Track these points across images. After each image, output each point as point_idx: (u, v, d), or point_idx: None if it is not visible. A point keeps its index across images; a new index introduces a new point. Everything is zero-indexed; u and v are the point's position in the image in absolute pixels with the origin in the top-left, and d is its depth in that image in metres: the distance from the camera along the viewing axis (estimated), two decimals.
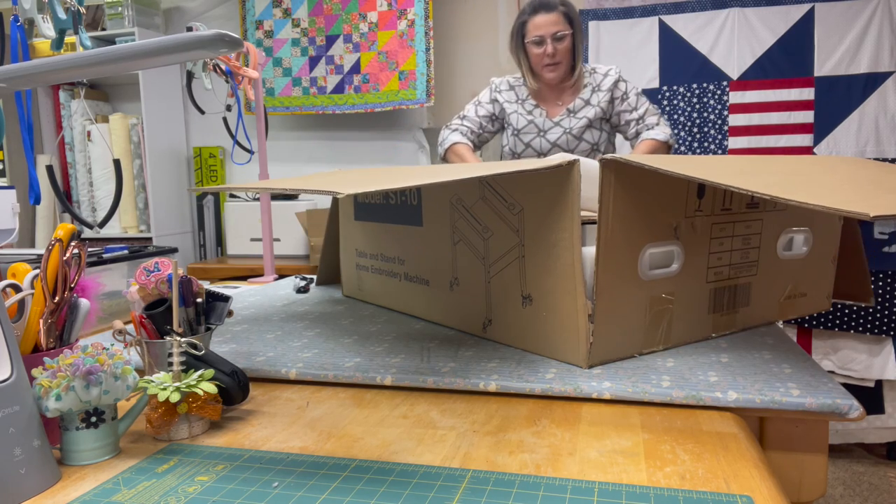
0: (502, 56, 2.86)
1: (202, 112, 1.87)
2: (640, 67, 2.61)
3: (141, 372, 0.76)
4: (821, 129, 2.42)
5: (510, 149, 2.06)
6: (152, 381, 0.64)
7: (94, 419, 0.59)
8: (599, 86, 1.98)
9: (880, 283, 2.32)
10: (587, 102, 1.98)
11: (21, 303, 0.65)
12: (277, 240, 2.57)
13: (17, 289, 0.66)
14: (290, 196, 2.73)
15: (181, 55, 0.57)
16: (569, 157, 0.77)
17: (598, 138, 2.00)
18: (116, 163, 1.68)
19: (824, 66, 2.39)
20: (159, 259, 0.78)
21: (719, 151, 2.55)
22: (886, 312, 2.32)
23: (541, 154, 2.01)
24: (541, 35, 1.91)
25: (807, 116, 2.43)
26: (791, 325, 2.43)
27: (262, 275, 1.80)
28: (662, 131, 1.95)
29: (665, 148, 1.93)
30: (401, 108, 2.87)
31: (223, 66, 1.67)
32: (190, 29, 1.55)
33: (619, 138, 2.13)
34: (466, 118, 2.07)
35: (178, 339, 0.66)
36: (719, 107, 2.52)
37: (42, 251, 0.73)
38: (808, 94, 2.42)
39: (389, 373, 0.79)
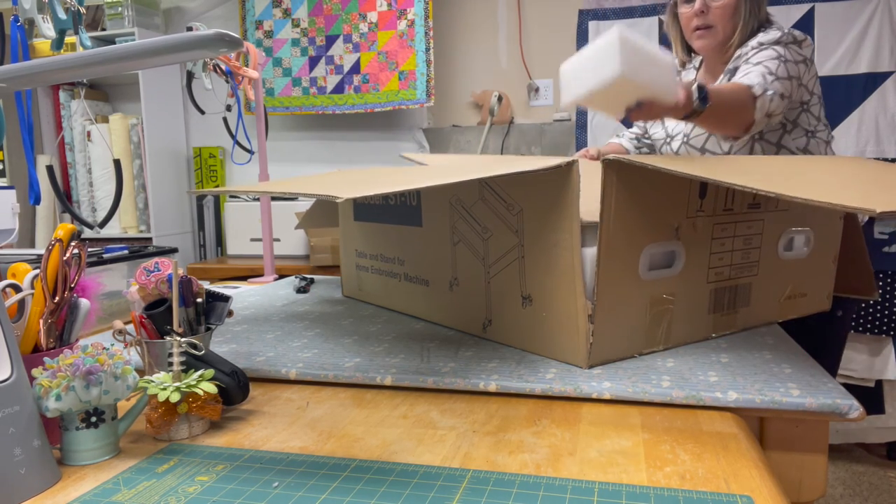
0: (502, 56, 2.86)
1: (202, 112, 1.87)
2: None
3: (141, 372, 0.76)
4: None
5: (664, 133, 1.53)
6: (152, 381, 0.64)
7: (94, 419, 0.59)
8: (741, 56, 1.34)
9: (880, 283, 2.32)
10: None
11: (21, 303, 0.65)
12: (277, 240, 2.57)
13: (17, 289, 0.66)
14: (290, 196, 2.72)
15: (181, 55, 0.57)
16: (567, 158, 0.77)
17: (738, 143, 1.35)
18: (116, 163, 1.68)
19: (824, 65, 2.38)
20: (159, 259, 0.78)
21: None
22: (886, 312, 2.32)
23: (686, 135, 1.45)
24: None
25: None
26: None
27: (262, 275, 1.80)
28: (750, 78, 1.22)
29: (746, 94, 1.19)
30: (401, 108, 2.87)
31: (223, 66, 1.67)
32: (190, 29, 1.55)
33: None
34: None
35: (178, 339, 0.66)
36: None
37: (42, 251, 0.73)
38: None
39: (389, 373, 0.79)
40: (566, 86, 0.96)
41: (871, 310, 2.34)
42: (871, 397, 2.39)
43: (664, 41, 2.57)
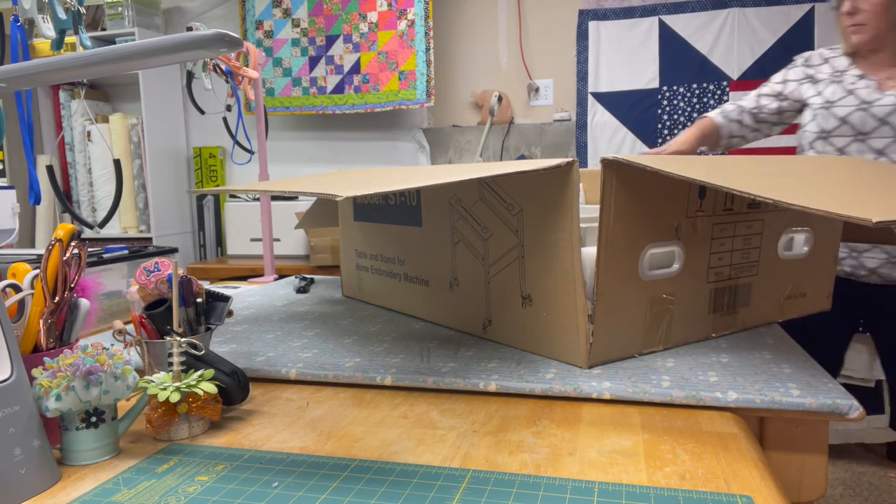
0: (502, 56, 2.86)
1: (202, 112, 1.87)
2: (640, 67, 2.62)
3: (141, 372, 0.76)
4: None
5: (819, 127, 1.62)
6: (152, 381, 0.64)
7: (94, 419, 0.59)
8: None
9: None
10: None
11: (21, 303, 0.65)
12: (277, 240, 2.57)
13: (17, 289, 0.66)
14: (290, 196, 2.73)
15: (181, 55, 0.57)
16: (567, 158, 0.77)
17: None
18: (116, 163, 1.68)
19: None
20: (159, 259, 0.78)
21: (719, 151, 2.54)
22: None
23: (861, 133, 1.56)
24: None
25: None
26: None
27: (262, 275, 1.80)
28: None
29: None
30: (401, 109, 2.87)
31: (223, 66, 1.67)
32: (190, 29, 1.55)
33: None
34: (747, 96, 1.76)
35: (178, 339, 0.66)
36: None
37: (42, 251, 0.73)
38: None
39: (389, 373, 0.79)
40: None
41: None
42: (871, 397, 2.39)
43: (664, 41, 2.57)
